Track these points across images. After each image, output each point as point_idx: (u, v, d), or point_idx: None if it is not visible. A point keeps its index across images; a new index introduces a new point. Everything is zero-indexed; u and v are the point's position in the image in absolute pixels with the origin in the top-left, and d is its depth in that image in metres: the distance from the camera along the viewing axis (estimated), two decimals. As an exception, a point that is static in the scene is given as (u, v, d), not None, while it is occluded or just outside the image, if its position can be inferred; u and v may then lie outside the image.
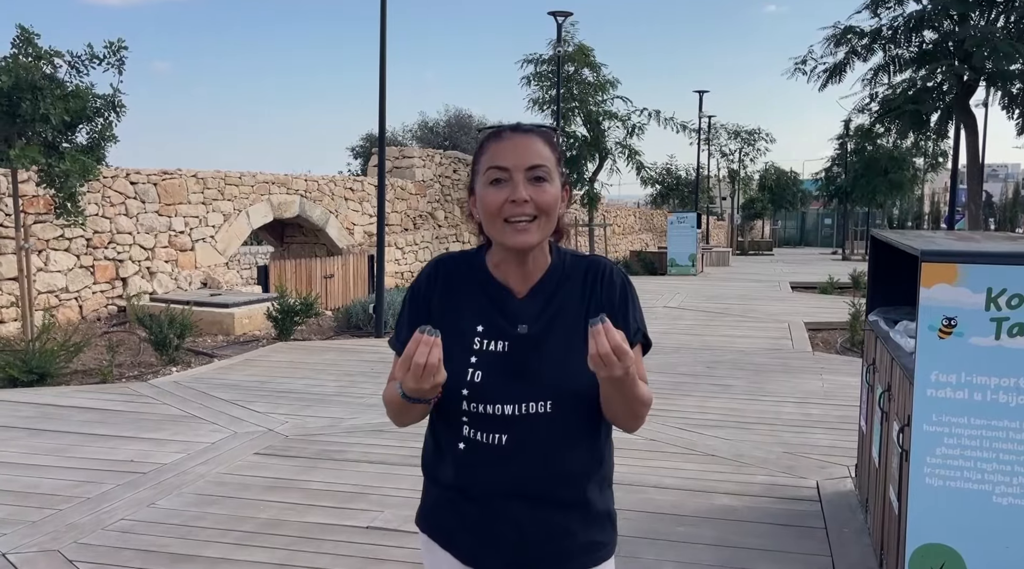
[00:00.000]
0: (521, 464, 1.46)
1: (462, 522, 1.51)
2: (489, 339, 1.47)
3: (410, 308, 1.54)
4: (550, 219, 1.45)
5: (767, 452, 4.84)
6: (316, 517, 3.79)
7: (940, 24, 11.45)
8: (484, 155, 1.46)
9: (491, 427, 1.45)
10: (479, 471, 1.48)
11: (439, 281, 1.53)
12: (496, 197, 1.42)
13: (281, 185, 12.79)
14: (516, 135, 1.45)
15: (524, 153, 1.42)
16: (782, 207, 37.84)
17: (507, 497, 1.47)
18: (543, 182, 1.43)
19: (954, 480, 2.61)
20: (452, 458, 1.50)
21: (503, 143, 1.44)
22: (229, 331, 9.13)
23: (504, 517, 1.48)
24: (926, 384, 2.62)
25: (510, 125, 1.48)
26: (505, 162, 1.42)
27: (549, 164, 1.44)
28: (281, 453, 4.75)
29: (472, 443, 1.47)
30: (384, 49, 8.95)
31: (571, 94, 18.31)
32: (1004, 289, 2.52)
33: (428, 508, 1.58)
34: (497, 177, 1.42)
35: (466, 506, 1.50)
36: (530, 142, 1.44)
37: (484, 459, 1.47)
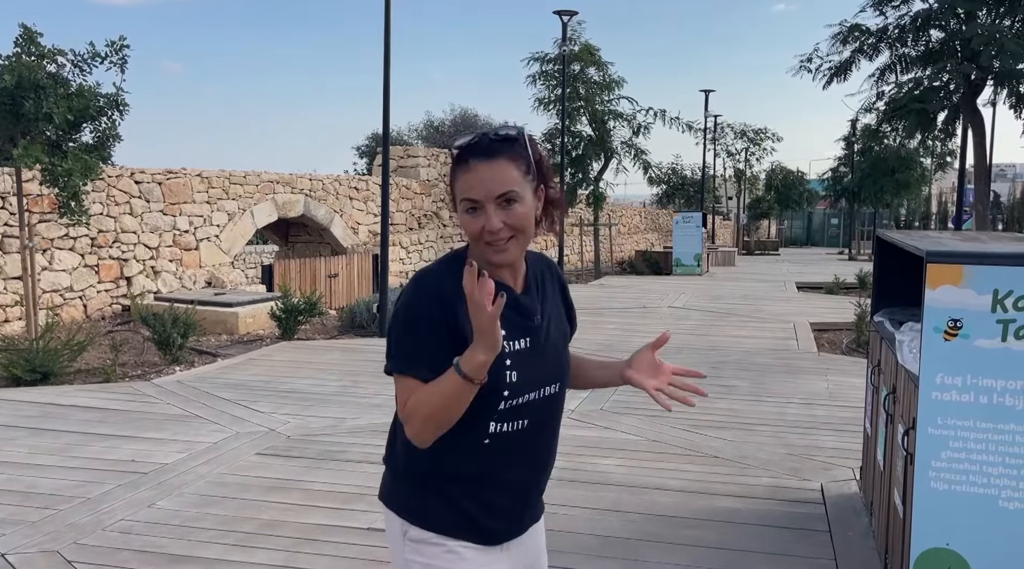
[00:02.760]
0: (538, 442, 1.65)
1: (481, 504, 1.60)
2: (514, 338, 1.57)
3: (430, 331, 1.51)
4: (526, 233, 1.55)
5: (771, 454, 4.81)
6: (316, 518, 3.78)
7: (947, 23, 11.36)
8: (456, 182, 1.54)
9: (515, 415, 1.58)
10: (504, 457, 1.60)
11: (453, 296, 1.51)
12: (474, 225, 1.52)
13: (286, 184, 12.80)
14: (482, 164, 1.50)
15: (491, 183, 1.50)
16: (788, 207, 37.68)
17: (523, 472, 1.65)
18: (513, 204, 1.51)
19: (960, 484, 2.58)
20: (473, 454, 1.58)
21: (471, 175, 1.51)
22: (233, 330, 9.13)
23: (516, 491, 1.65)
24: (931, 387, 2.59)
25: (476, 141, 1.52)
26: (475, 195, 1.50)
27: (516, 185, 1.52)
28: (283, 453, 4.74)
29: (497, 436, 1.58)
30: (388, 48, 8.94)
31: (577, 93, 18.26)
32: (1011, 291, 2.48)
33: (427, 502, 1.61)
34: (471, 207, 1.52)
35: (489, 492, 1.61)
36: (496, 169, 1.50)
37: (507, 446, 1.60)
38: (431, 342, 1.51)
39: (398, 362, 1.54)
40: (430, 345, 1.50)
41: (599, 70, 18.57)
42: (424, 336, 1.51)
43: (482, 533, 1.62)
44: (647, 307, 12.09)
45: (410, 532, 1.61)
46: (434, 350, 1.50)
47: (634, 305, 12.35)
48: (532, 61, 18.36)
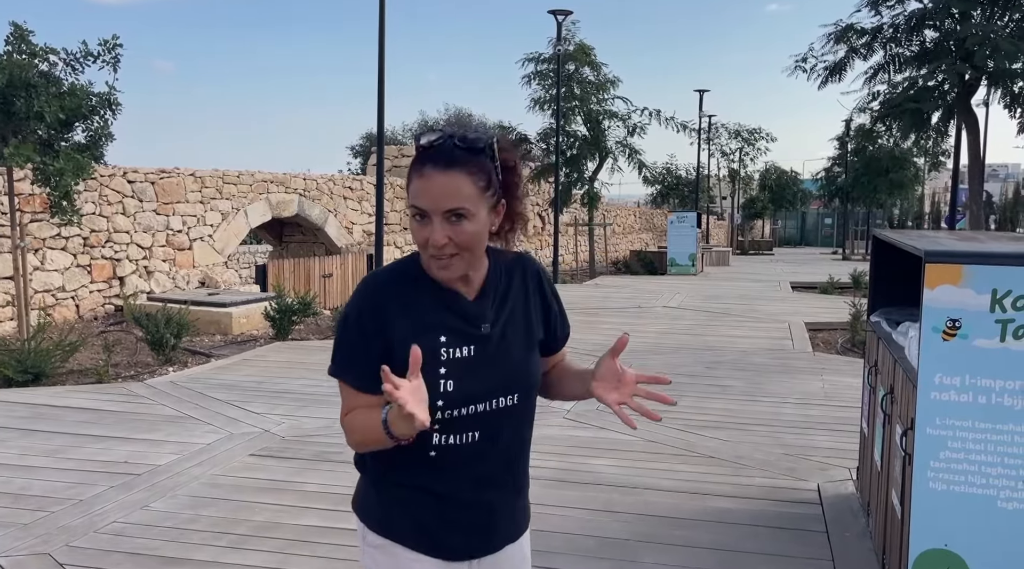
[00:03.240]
0: (493, 455, 1.56)
1: (438, 517, 1.55)
2: (454, 346, 1.50)
3: (360, 339, 1.49)
4: (473, 252, 1.48)
5: (767, 454, 4.79)
6: (311, 520, 3.75)
7: (941, 23, 11.39)
8: (410, 184, 1.46)
9: (462, 427, 1.52)
10: (453, 471, 1.54)
11: (387, 302, 1.49)
12: (419, 234, 1.45)
13: (280, 184, 12.75)
14: (436, 173, 1.41)
15: (441, 196, 1.41)
16: (782, 207, 37.77)
17: (480, 487, 1.57)
18: (463, 220, 1.43)
19: (958, 484, 2.57)
20: (420, 464, 1.53)
21: (423, 182, 1.43)
22: (227, 331, 9.08)
23: (478, 506, 1.57)
24: (930, 387, 2.58)
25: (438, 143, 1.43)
26: (423, 204, 1.43)
27: (468, 202, 1.43)
28: (277, 454, 4.70)
29: (443, 448, 1.52)
30: (382, 49, 8.91)
31: (572, 93, 18.24)
32: (1010, 291, 2.47)
33: (388, 511, 1.57)
34: (417, 214, 1.45)
35: (439, 503, 1.55)
36: (449, 181, 1.41)
37: (457, 458, 1.53)
38: (360, 350, 1.49)
39: (333, 366, 1.54)
40: (359, 353, 1.49)
41: (593, 70, 18.57)
42: (355, 343, 1.50)
43: (440, 548, 1.56)
44: (642, 307, 12.08)
45: (368, 537, 1.58)
46: (363, 358, 1.48)
47: (629, 305, 12.35)
48: (527, 61, 18.37)
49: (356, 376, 1.50)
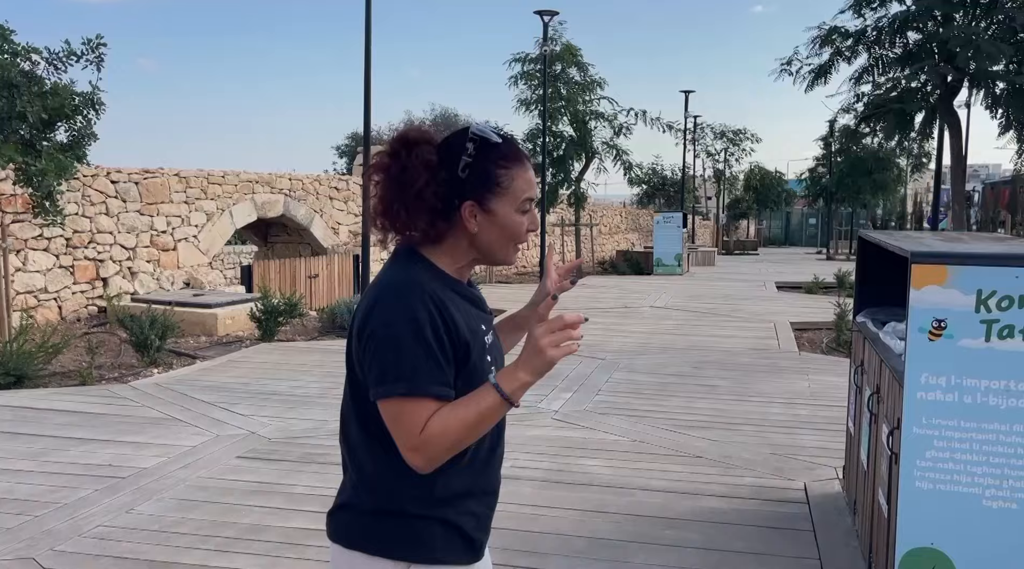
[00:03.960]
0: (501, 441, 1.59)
1: (475, 518, 1.52)
2: (487, 333, 1.53)
3: (436, 343, 1.37)
4: None
5: (754, 453, 4.82)
6: (299, 522, 3.73)
7: (924, 25, 11.52)
8: (515, 180, 1.47)
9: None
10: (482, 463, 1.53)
11: (445, 305, 1.42)
12: (524, 224, 1.50)
13: (265, 184, 12.68)
14: (532, 166, 1.51)
15: (536, 184, 1.53)
16: (767, 207, 38.00)
17: (494, 476, 1.58)
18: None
19: (944, 483, 2.59)
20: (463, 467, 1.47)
21: (530, 174, 1.49)
22: (212, 332, 9.02)
23: (494, 495, 1.59)
24: (916, 386, 2.60)
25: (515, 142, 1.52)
26: (534, 194, 1.51)
27: None
28: (264, 456, 4.68)
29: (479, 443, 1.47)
30: (368, 47, 8.88)
31: (559, 94, 18.27)
32: (994, 291, 2.50)
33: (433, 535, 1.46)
34: (528, 208, 1.50)
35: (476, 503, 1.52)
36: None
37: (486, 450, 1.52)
38: (438, 355, 1.37)
39: (409, 383, 1.35)
40: (439, 358, 1.37)
41: (580, 70, 18.61)
42: (432, 348, 1.36)
43: (476, 549, 1.53)
44: (629, 307, 12.12)
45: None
46: (441, 366, 1.37)
47: (616, 305, 12.38)
48: (514, 62, 18.37)
49: (441, 384, 1.37)
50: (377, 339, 1.38)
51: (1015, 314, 2.49)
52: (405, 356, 1.36)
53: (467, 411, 1.35)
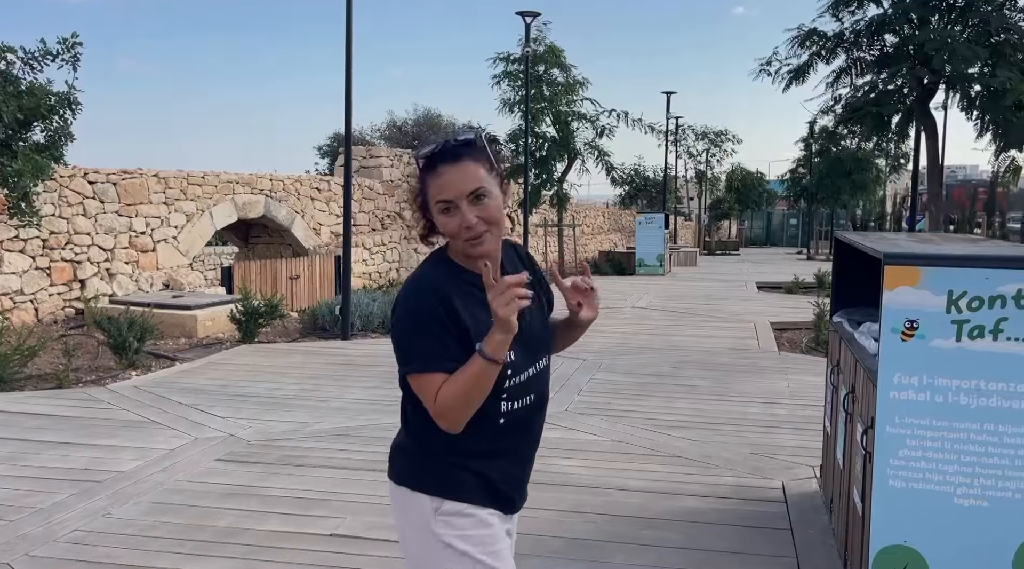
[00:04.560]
0: (540, 414, 1.87)
1: (505, 476, 1.80)
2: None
3: (441, 329, 1.66)
4: (500, 225, 1.71)
5: (734, 453, 4.85)
6: (276, 525, 3.71)
7: (900, 28, 11.66)
8: (428, 188, 1.69)
9: (522, 392, 1.78)
10: (517, 431, 1.80)
11: (450, 299, 1.68)
12: (451, 224, 1.67)
13: (246, 185, 12.59)
14: (449, 167, 1.66)
15: (461, 183, 1.65)
16: (748, 207, 38.25)
17: (533, 443, 1.87)
18: (484, 199, 1.67)
19: (917, 482, 2.62)
20: (491, 432, 1.75)
21: (440, 178, 1.66)
22: (192, 333, 8.95)
23: (529, 460, 1.88)
24: (889, 386, 2.63)
25: (440, 149, 1.68)
26: (448, 196, 1.66)
27: (485, 182, 1.68)
28: (242, 459, 4.64)
29: (510, 414, 1.76)
30: (350, 47, 8.84)
31: (541, 94, 18.29)
32: (965, 292, 2.53)
33: (461, 479, 1.75)
34: (445, 208, 1.67)
35: (507, 463, 1.80)
36: (463, 170, 1.66)
37: (519, 420, 1.79)
38: (445, 337, 1.66)
39: (422, 362, 1.66)
40: (445, 340, 1.66)
41: (563, 71, 18.64)
42: (438, 333, 1.66)
43: (506, 502, 1.81)
44: (611, 307, 12.15)
45: (443, 506, 1.74)
46: (450, 344, 1.65)
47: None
48: (497, 61, 18.37)
49: (447, 362, 1.65)
50: (396, 328, 1.71)
51: (985, 314, 2.52)
52: (416, 341, 1.67)
53: (464, 376, 1.63)
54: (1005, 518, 2.55)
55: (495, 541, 1.77)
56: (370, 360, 7.68)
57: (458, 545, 1.73)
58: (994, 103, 10.55)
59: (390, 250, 16.15)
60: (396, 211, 16.63)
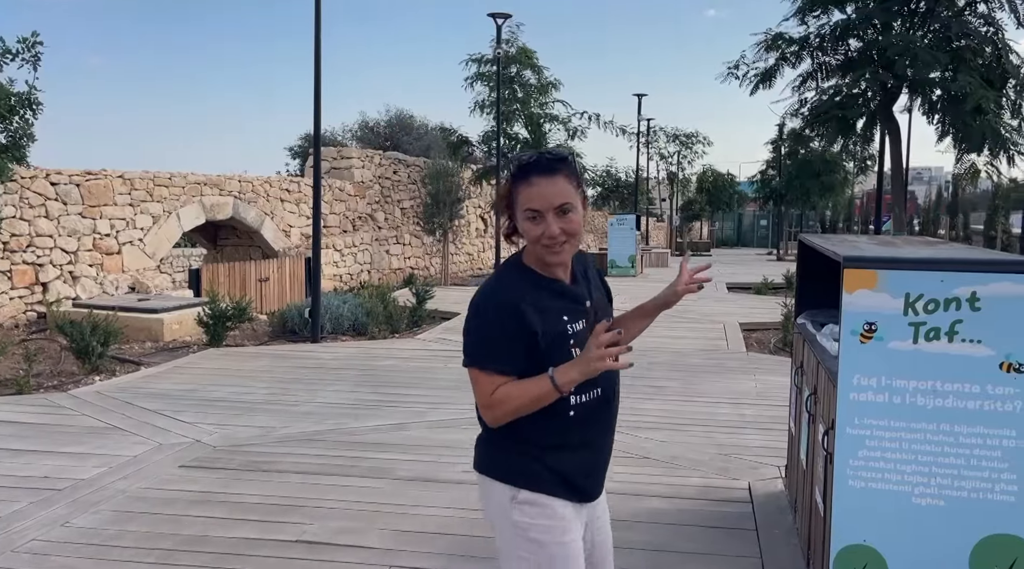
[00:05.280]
0: (611, 405, 2.01)
1: (577, 466, 1.93)
2: (574, 322, 1.90)
3: (512, 337, 1.83)
4: (577, 237, 1.87)
5: (701, 454, 4.89)
6: (242, 532, 3.66)
7: (864, 33, 11.85)
8: (518, 194, 1.85)
9: (590, 386, 1.91)
10: (587, 424, 1.93)
11: (522, 304, 1.84)
12: (535, 230, 1.84)
13: (214, 186, 12.44)
14: (543, 180, 1.82)
15: (551, 196, 1.82)
16: (720, 209, 38.64)
17: (605, 433, 2.01)
18: (569, 213, 1.84)
19: (876, 482, 2.66)
20: (562, 423, 1.89)
21: (533, 189, 1.82)
22: (158, 337, 8.82)
23: (602, 451, 2.01)
24: (848, 388, 2.66)
25: (535, 161, 1.84)
26: (537, 205, 1.82)
27: (571, 197, 1.85)
28: (208, 465, 4.58)
29: (579, 406, 1.90)
30: (319, 45, 8.78)
31: (514, 96, 18.31)
32: (921, 294, 2.58)
33: (536, 469, 1.89)
34: (533, 216, 1.83)
35: (578, 453, 1.93)
36: (555, 184, 1.83)
37: (589, 413, 1.93)
38: (504, 343, 1.82)
39: (483, 359, 1.84)
40: (504, 345, 1.82)
41: (535, 73, 18.68)
42: (498, 338, 1.83)
43: (579, 492, 1.94)
44: (582, 309, 12.18)
45: (520, 495, 1.88)
46: (507, 349, 1.82)
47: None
48: (470, 62, 18.35)
49: (504, 363, 1.83)
50: (469, 323, 1.89)
51: (941, 316, 2.57)
52: (483, 338, 1.86)
53: (526, 389, 1.82)
54: (961, 517, 2.59)
55: (565, 532, 1.90)
56: (340, 363, 7.63)
57: (531, 533, 1.88)
58: (954, 107, 10.77)
59: (361, 252, 16.06)
60: (368, 213, 16.53)
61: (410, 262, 17.94)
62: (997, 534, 2.59)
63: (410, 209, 17.92)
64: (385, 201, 17.11)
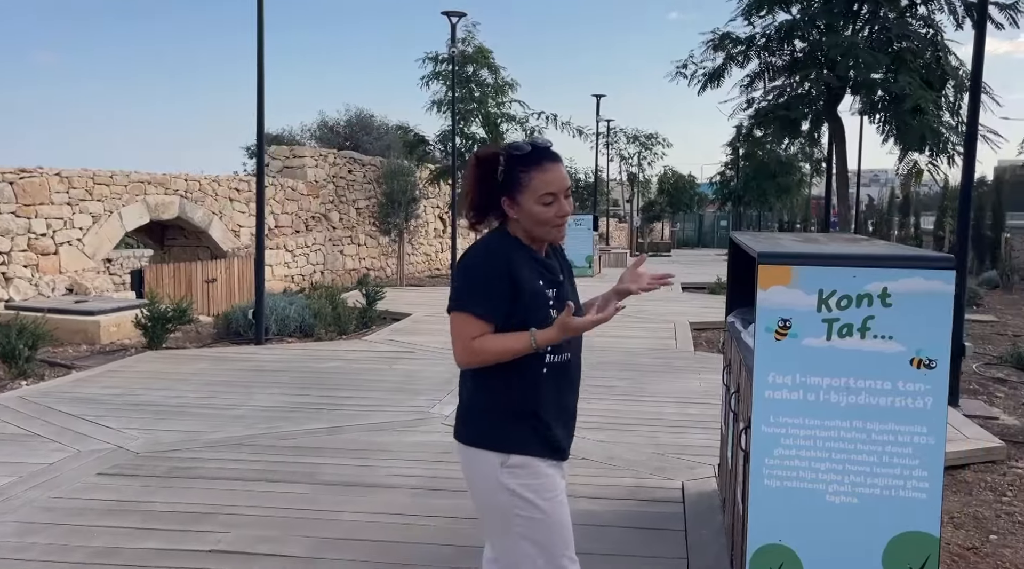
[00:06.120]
0: (578, 366, 2.25)
1: (560, 425, 2.16)
2: (550, 288, 2.13)
3: (499, 282, 2.04)
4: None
5: (639, 454, 4.84)
6: (155, 542, 3.51)
7: (808, 33, 12.02)
8: (534, 179, 2.07)
9: (564, 349, 2.14)
10: (557, 384, 2.15)
11: (511, 259, 2.06)
12: (548, 212, 2.09)
13: (159, 185, 12.13)
14: (555, 166, 2.10)
15: (564, 180, 2.11)
16: (680, 209, 38.98)
17: (572, 396, 2.22)
18: (570, 196, 2.15)
19: (791, 480, 2.62)
20: (537, 383, 2.10)
21: (549, 175, 2.08)
22: (95, 340, 8.55)
23: (572, 411, 2.24)
24: (764, 386, 2.62)
25: (546, 148, 2.10)
26: (555, 188, 2.08)
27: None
28: (128, 472, 4.40)
29: (552, 365, 2.12)
30: (261, 40, 8.59)
31: (471, 95, 18.21)
32: (835, 290, 2.54)
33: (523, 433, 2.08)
34: (550, 200, 2.08)
35: (557, 414, 2.14)
36: (562, 169, 2.12)
37: (559, 373, 2.14)
38: (491, 289, 2.04)
39: (469, 304, 2.04)
40: (490, 291, 2.04)
41: (492, 72, 18.59)
42: (486, 283, 2.04)
43: (559, 451, 2.15)
44: (536, 309, 12.13)
45: (509, 460, 2.06)
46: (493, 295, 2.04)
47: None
48: (427, 60, 18.19)
49: (487, 308, 2.03)
50: (459, 274, 2.11)
51: (853, 313, 2.54)
52: (472, 286, 2.07)
53: (508, 344, 2.03)
54: (874, 515, 2.57)
55: (553, 488, 2.12)
56: (280, 366, 7.46)
57: (523, 493, 2.06)
58: (894, 108, 10.95)
59: (314, 252, 15.81)
60: (322, 212, 16.29)
61: (365, 263, 17.72)
62: (909, 531, 2.57)
63: (366, 209, 17.71)
64: (340, 201, 16.88)
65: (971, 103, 5.94)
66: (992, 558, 3.58)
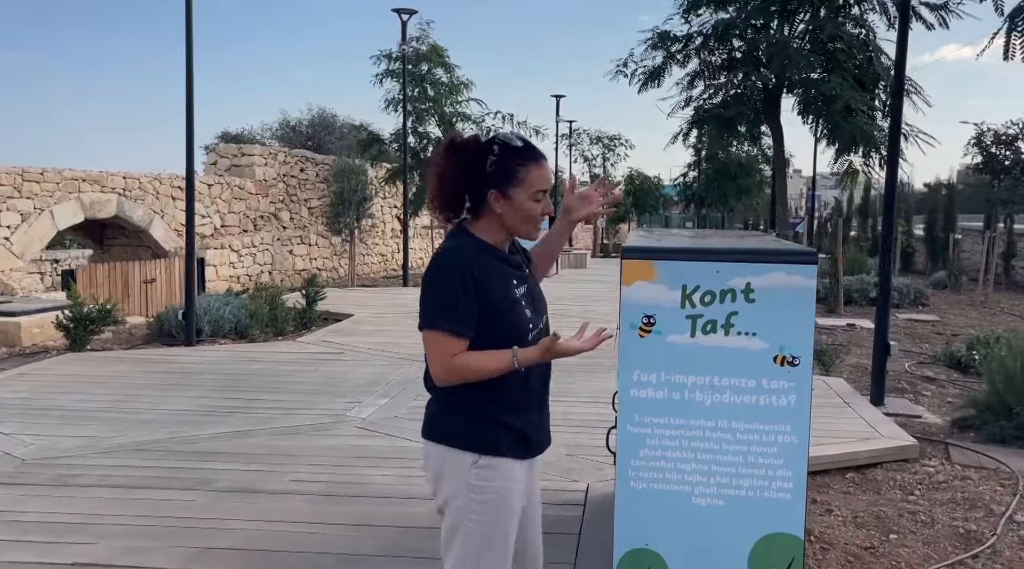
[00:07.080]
0: (548, 365, 2.19)
1: (531, 424, 2.13)
2: (519, 287, 2.08)
3: (471, 294, 1.95)
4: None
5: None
6: (16, 555, 3.32)
7: (745, 32, 12.04)
8: (531, 174, 2.02)
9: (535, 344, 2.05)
10: (534, 381, 2.12)
11: (476, 267, 1.97)
12: (536, 209, 2.05)
13: (94, 182, 11.80)
14: (545, 163, 2.07)
15: (551, 178, 2.10)
16: (646, 211, 39.09)
17: (541, 388, 2.20)
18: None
19: (657, 482, 2.54)
20: (512, 381, 2.02)
21: (543, 171, 2.05)
22: (15, 342, 8.25)
23: (542, 405, 2.22)
24: (629, 384, 2.54)
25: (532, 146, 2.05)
26: (546, 186, 2.06)
27: None
28: (7, 481, 4.19)
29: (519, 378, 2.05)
30: (190, 40, 8.38)
31: (426, 94, 18.04)
32: (698, 286, 2.46)
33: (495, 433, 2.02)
34: (540, 197, 2.04)
35: (527, 409, 2.11)
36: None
37: (535, 370, 2.09)
38: (462, 304, 1.94)
39: (433, 319, 1.96)
40: (468, 305, 1.95)
41: (447, 71, 18.44)
42: (457, 299, 1.94)
43: (535, 447, 2.15)
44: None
45: (480, 460, 2.00)
46: (464, 310, 1.95)
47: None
48: (381, 58, 17.99)
49: (460, 324, 1.95)
50: (427, 289, 2.00)
51: (716, 309, 2.46)
52: (442, 300, 1.96)
53: (491, 362, 1.97)
54: (740, 517, 2.49)
55: (514, 493, 2.06)
56: (205, 368, 7.24)
57: (484, 495, 2.01)
58: (827, 108, 11.01)
59: (262, 252, 15.54)
60: (271, 212, 16.00)
61: (317, 263, 17.46)
62: (775, 533, 2.49)
63: (318, 208, 17.45)
64: (291, 200, 16.60)
65: (894, 103, 5.94)
66: (887, 558, 3.53)
